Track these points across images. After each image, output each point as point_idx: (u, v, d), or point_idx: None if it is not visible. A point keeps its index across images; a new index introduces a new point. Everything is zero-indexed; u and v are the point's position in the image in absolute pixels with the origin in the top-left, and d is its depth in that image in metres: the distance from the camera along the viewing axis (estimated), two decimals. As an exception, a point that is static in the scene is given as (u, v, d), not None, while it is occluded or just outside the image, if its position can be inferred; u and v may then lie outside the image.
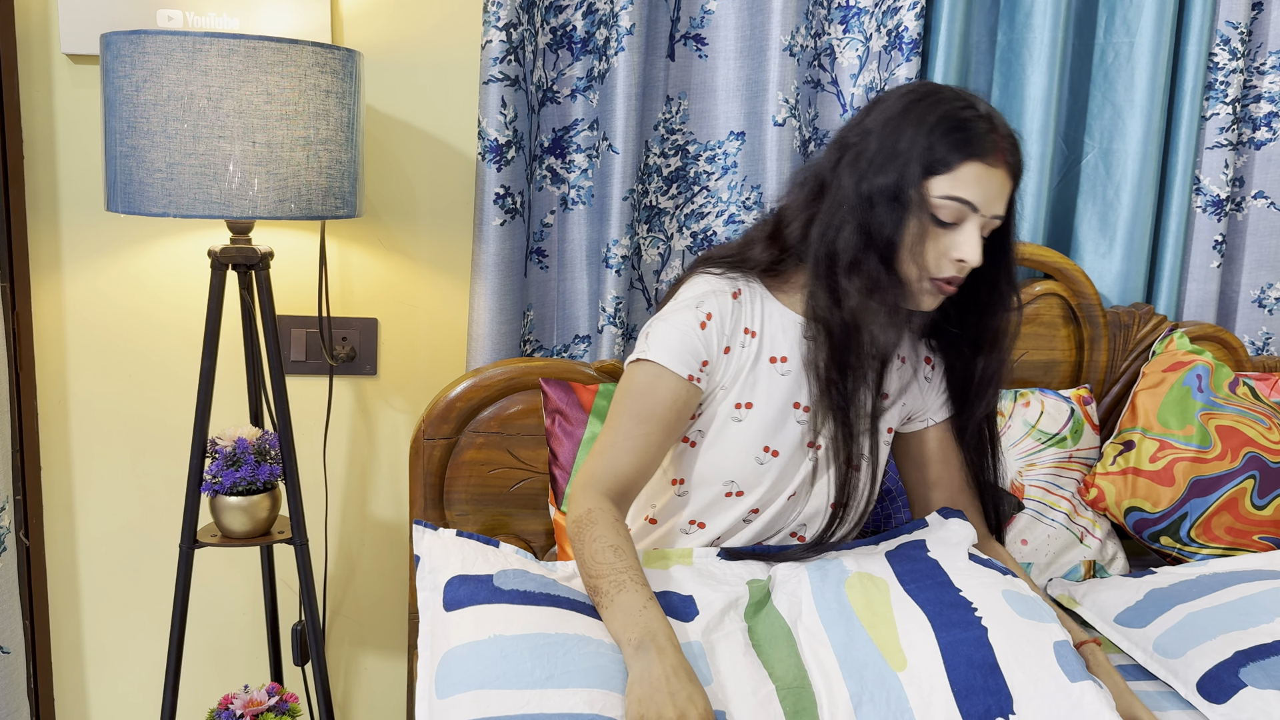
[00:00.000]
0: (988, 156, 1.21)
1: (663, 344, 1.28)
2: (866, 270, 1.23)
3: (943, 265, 1.23)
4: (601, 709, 1.03)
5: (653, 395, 1.27)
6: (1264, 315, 1.87)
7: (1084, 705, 1.09)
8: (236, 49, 1.34)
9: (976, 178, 1.21)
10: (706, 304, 1.30)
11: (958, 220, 1.22)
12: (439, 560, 1.25)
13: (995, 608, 1.22)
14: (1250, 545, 1.61)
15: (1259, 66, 1.81)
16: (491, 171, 1.60)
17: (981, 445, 1.42)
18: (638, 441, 1.26)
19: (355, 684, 1.89)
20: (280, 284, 1.71)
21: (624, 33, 1.61)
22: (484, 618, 1.14)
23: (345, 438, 1.81)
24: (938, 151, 1.21)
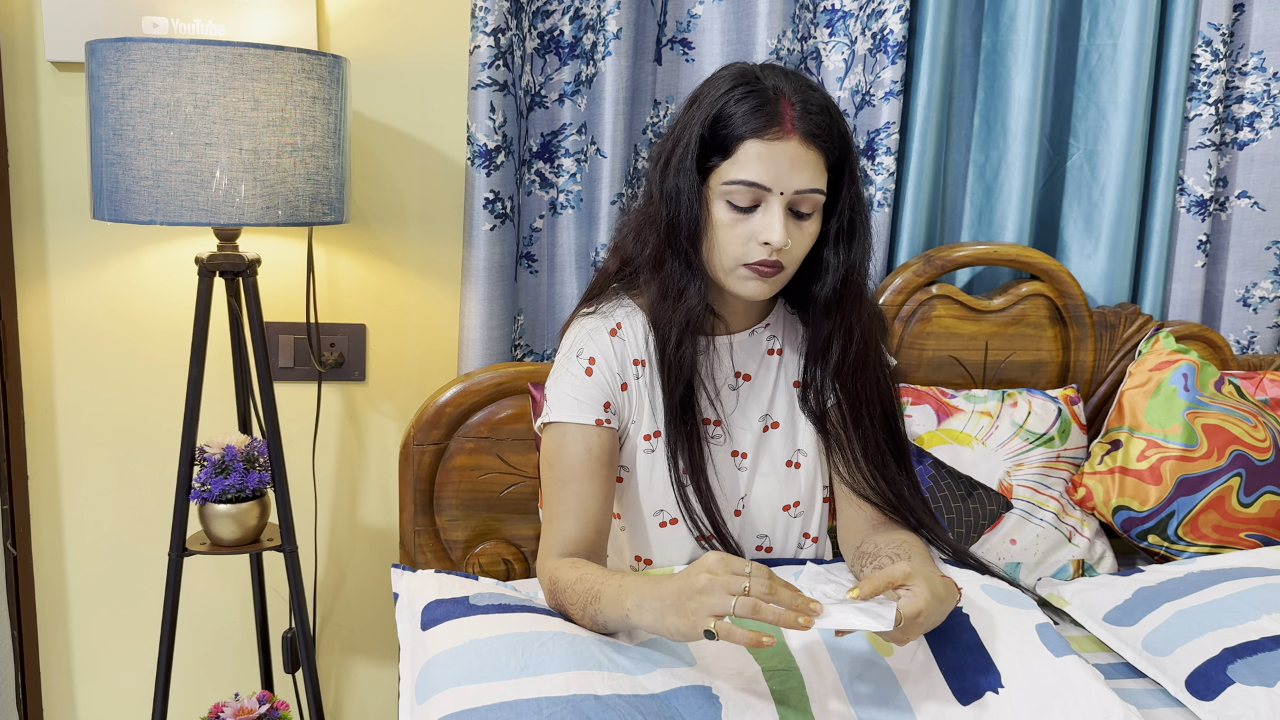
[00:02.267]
0: (768, 131, 1.18)
1: (558, 402, 1.29)
2: (663, 266, 1.25)
3: (751, 250, 1.21)
4: (580, 688, 1.04)
5: (564, 454, 1.27)
6: (1249, 314, 1.88)
7: (1070, 677, 1.13)
8: (223, 56, 1.34)
9: (758, 156, 1.18)
10: (586, 350, 1.30)
11: (755, 202, 1.20)
12: (416, 593, 1.27)
13: (975, 598, 1.26)
14: (1237, 543, 1.62)
15: (1241, 67, 1.83)
16: (481, 176, 1.59)
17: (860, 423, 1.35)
18: (571, 504, 1.26)
19: (346, 691, 1.89)
20: (268, 290, 1.70)
21: (611, 37, 1.61)
22: (460, 628, 1.16)
23: (334, 444, 1.80)
24: (718, 139, 1.20)
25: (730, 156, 1.20)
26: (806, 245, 1.25)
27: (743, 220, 1.21)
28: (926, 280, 1.74)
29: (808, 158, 1.19)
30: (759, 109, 1.18)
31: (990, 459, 1.64)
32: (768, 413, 1.38)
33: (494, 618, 1.16)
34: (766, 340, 1.38)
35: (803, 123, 1.19)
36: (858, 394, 1.34)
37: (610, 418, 1.29)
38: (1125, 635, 1.38)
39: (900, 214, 1.76)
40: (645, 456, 1.33)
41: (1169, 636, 1.33)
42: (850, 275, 1.28)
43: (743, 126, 1.18)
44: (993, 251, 1.75)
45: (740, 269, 1.23)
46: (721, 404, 1.36)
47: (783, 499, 1.38)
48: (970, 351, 1.76)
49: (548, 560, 1.26)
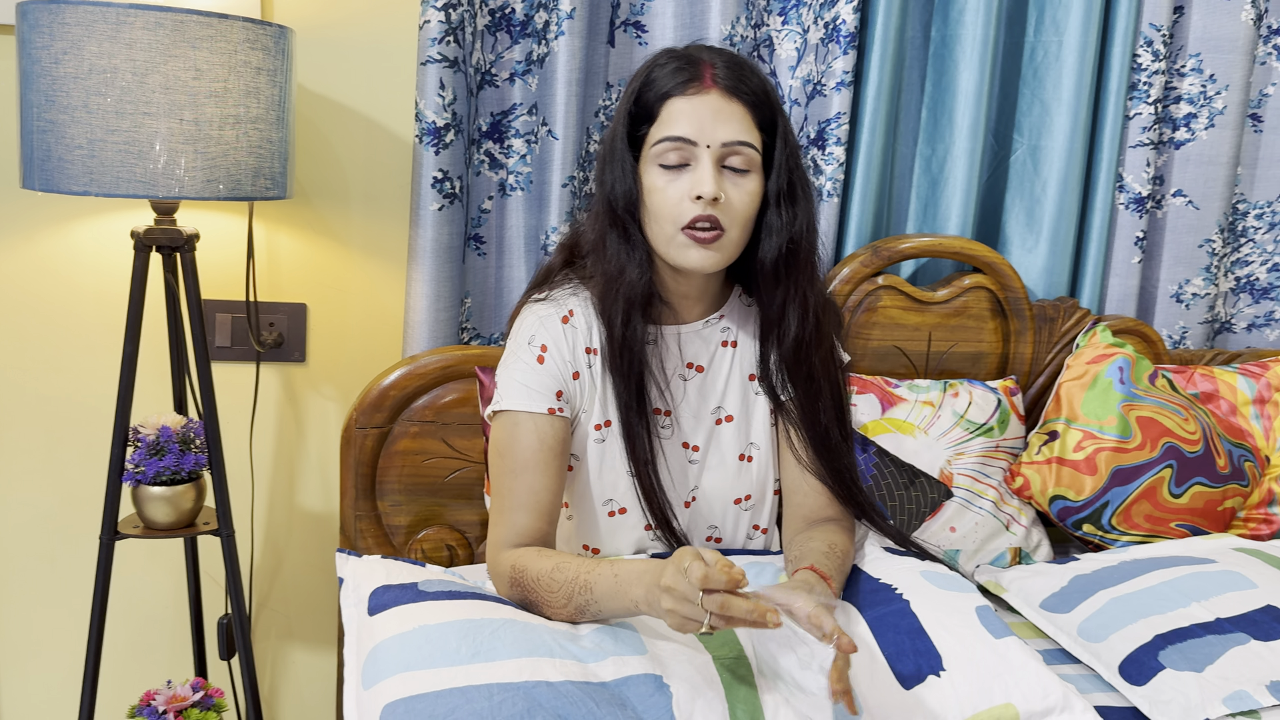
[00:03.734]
0: (688, 88, 1.21)
1: (509, 391, 1.28)
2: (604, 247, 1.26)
3: (685, 209, 1.22)
4: (532, 675, 1.03)
5: (517, 444, 1.26)
6: (1181, 310, 1.94)
7: (1010, 658, 1.15)
8: (163, 22, 1.29)
9: (680, 112, 1.21)
10: (538, 337, 1.29)
11: (685, 160, 1.22)
12: (363, 579, 1.25)
13: (915, 584, 1.27)
14: (1168, 532, 1.67)
15: (1179, 68, 1.87)
16: (429, 155, 1.57)
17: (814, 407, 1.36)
18: (524, 495, 1.25)
19: (283, 677, 1.85)
20: (206, 267, 1.66)
21: (564, 17, 1.59)
22: (409, 614, 1.14)
23: (273, 426, 1.76)
24: (640, 106, 1.24)
25: (656, 119, 1.23)
26: (746, 204, 1.24)
27: (675, 180, 1.22)
28: (873, 271, 1.75)
29: (731, 110, 1.22)
30: (679, 70, 1.23)
31: (932, 448, 1.67)
32: (720, 405, 1.38)
33: (444, 604, 1.15)
34: (720, 332, 1.38)
35: (723, 78, 1.22)
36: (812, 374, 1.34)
37: (563, 406, 1.28)
38: (1061, 622, 1.41)
39: (849, 204, 1.77)
40: (596, 446, 1.32)
41: (1103, 623, 1.36)
42: (796, 241, 1.28)
43: (664, 86, 1.23)
44: (937, 244, 1.78)
45: (679, 235, 1.23)
46: (671, 394, 1.35)
47: (734, 492, 1.38)
48: (914, 342, 1.78)
49: (502, 552, 1.24)
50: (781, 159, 1.26)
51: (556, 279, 1.36)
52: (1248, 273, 1.99)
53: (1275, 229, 1.96)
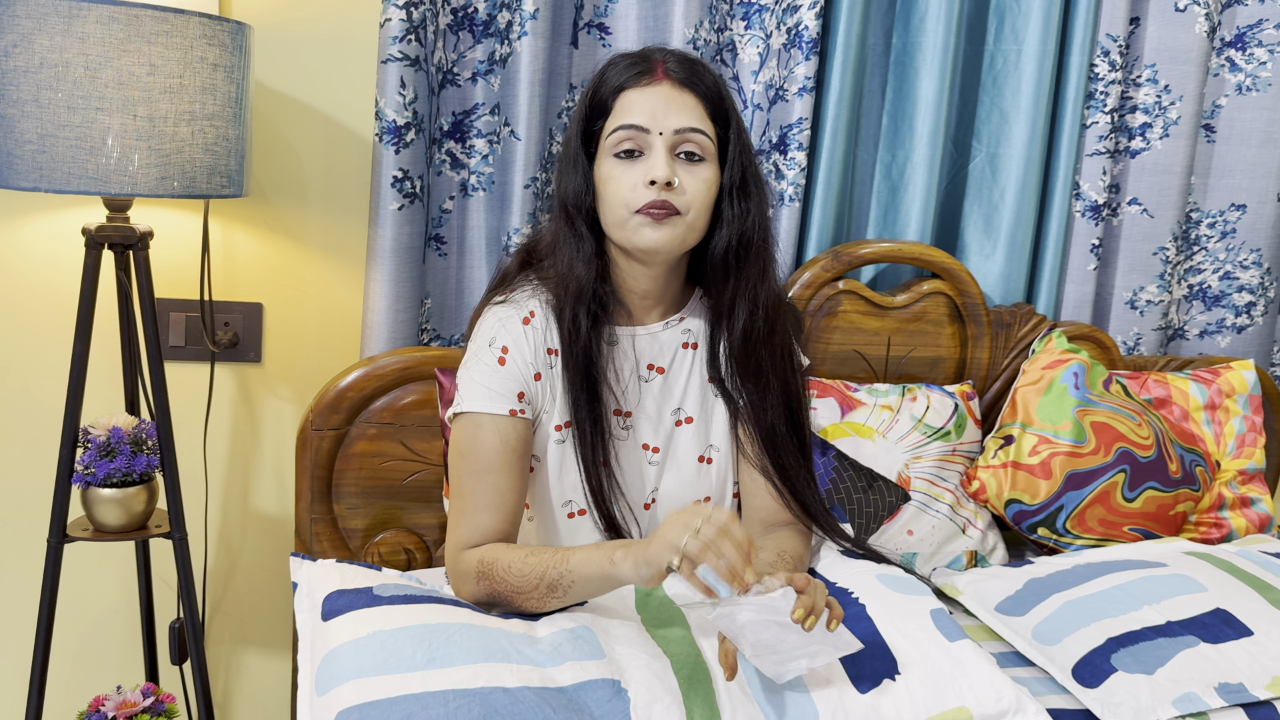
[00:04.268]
0: (641, 80, 1.25)
1: (471, 392, 1.27)
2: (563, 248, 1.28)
3: (639, 194, 1.23)
4: (488, 681, 1.03)
5: (479, 446, 1.25)
6: (1136, 316, 1.97)
7: (964, 661, 1.16)
8: (117, 16, 1.27)
9: (634, 102, 1.24)
10: (499, 339, 1.29)
11: (640, 148, 1.24)
12: (317, 583, 1.24)
13: (871, 588, 1.28)
14: (1121, 536, 1.69)
15: (1135, 79, 1.90)
16: (389, 154, 1.55)
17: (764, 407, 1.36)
18: (488, 496, 1.24)
19: (236, 683, 1.83)
20: (160, 265, 1.63)
21: (527, 17, 1.58)
22: (363, 619, 1.13)
23: (227, 427, 1.74)
24: (595, 101, 1.27)
25: (610, 112, 1.26)
26: (702, 190, 1.26)
27: (629, 169, 1.24)
28: (834, 275, 1.76)
29: (683, 99, 1.25)
30: (632, 65, 1.27)
31: (890, 451, 1.68)
32: (680, 407, 1.38)
33: (399, 608, 1.13)
34: (681, 334, 1.38)
35: (675, 70, 1.26)
36: (761, 370, 1.35)
37: (524, 408, 1.28)
38: (1016, 625, 1.42)
39: (810, 209, 1.78)
40: (556, 447, 1.32)
41: (1057, 626, 1.38)
42: (748, 235, 1.30)
43: (617, 80, 1.26)
44: (897, 249, 1.79)
45: (634, 218, 1.24)
46: (627, 395, 1.35)
47: (693, 494, 1.38)
48: (873, 346, 1.79)
49: (464, 552, 1.23)
50: (735, 153, 1.29)
51: (516, 281, 1.36)
52: (1200, 280, 2.02)
53: (1227, 238, 2.00)
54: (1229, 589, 1.42)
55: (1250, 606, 1.38)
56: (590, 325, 1.28)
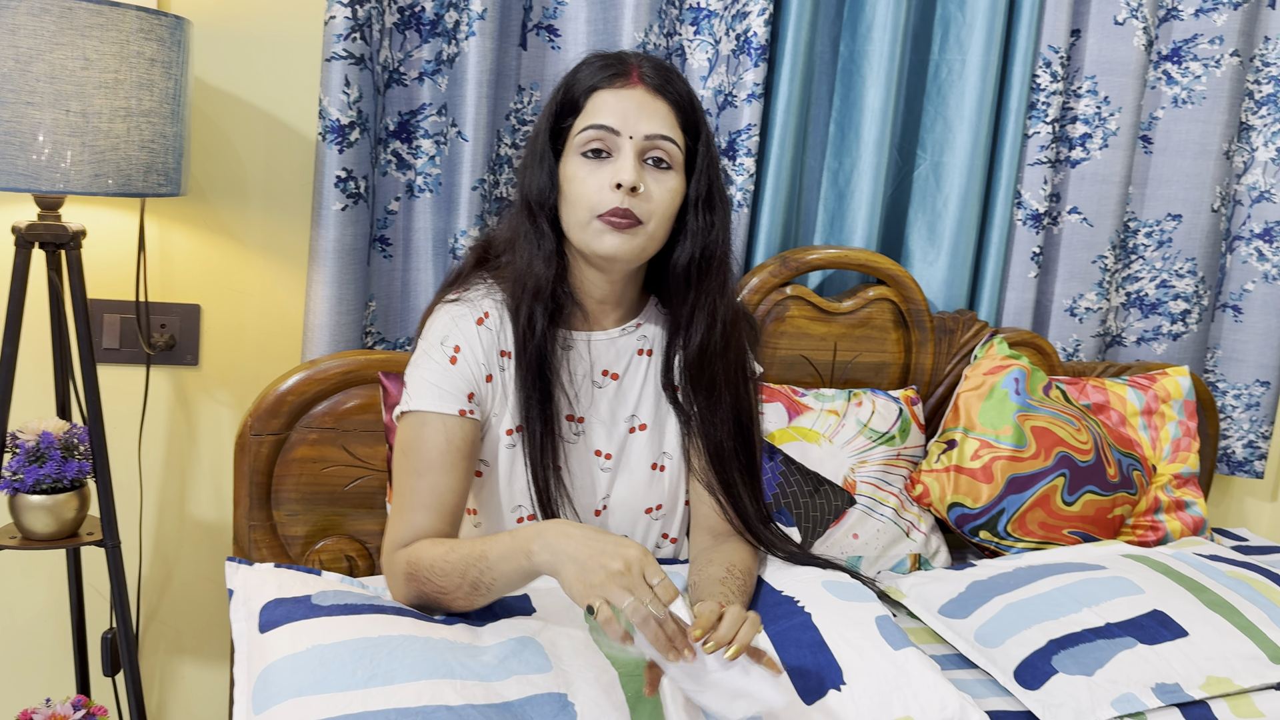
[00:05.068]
0: (614, 83, 1.24)
1: (419, 391, 1.25)
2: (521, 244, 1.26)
3: (605, 197, 1.22)
4: (431, 699, 1.01)
5: (423, 445, 1.23)
6: (1075, 323, 2.00)
7: (909, 670, 1.17)
8: (49, 8, 1.23)
9: (606, 104, 1.23)
10: (451, 338, 1.26)
11: (608, 149, 1.23)
12: (254, 590, 1.20)
13: (817, 596, 1.28)
14: (1060, 539, 1.72)
15: (1076, 90, 1.94)
16: (333, 153, 1.52)
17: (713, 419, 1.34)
18: (426, 496, 1.22)
19: (171, 694, 1.78)
20: (94, 265, 1.58)
21: (475, 17, 1.57)
22: (302, 632, 1.10)
23: (163, 432, 1.70)
24: (567, 98, 1.26)
25: (581, 111, 1.25)
26: (667, 200, 1.25)
27: (596, 170, 1.23)
28: (782, 281, 1.77)
29: (656, 106, 1.24)
30: (607, 66, 1.26)
31: (836, 456, 1.69)
32: (634, 413, 1.37)
33: (339, 620, 1.11)
34: (637, 340, 1.37)
35: (650, 76, 1.25)
36: (715, 383, 1.34)
37: (474, 409, 1.26)
38: (959, 627, 1.44)
39: (758, 215, 1.79)
40: (507, 451, 1.30)
41: (999, 629, 1.39)
42: (711, 249, 1.30)
43: (591, 80, 1.25)
44: (843, 256, 1.80)
45: (595, 222, 1.23)
46: (580, 400, 1.33)
47: (645, 501, 1.37)
48: (820, 351, 1.80)
49: (396, 553, 1.21)
50: (703, 164, 1.28)
51: (470, 278, 1.33)
52: (1137, 288, 2.07)
53: (1163, 247, 2.04)
54: (1165, 591, 1.45)
55: (1185, 608, 1.41)
56: (546, 325, 1.26)
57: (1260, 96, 2.04)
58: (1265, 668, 1.34)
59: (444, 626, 1.15)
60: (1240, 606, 1.43)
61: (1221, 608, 1.42)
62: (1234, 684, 1.30)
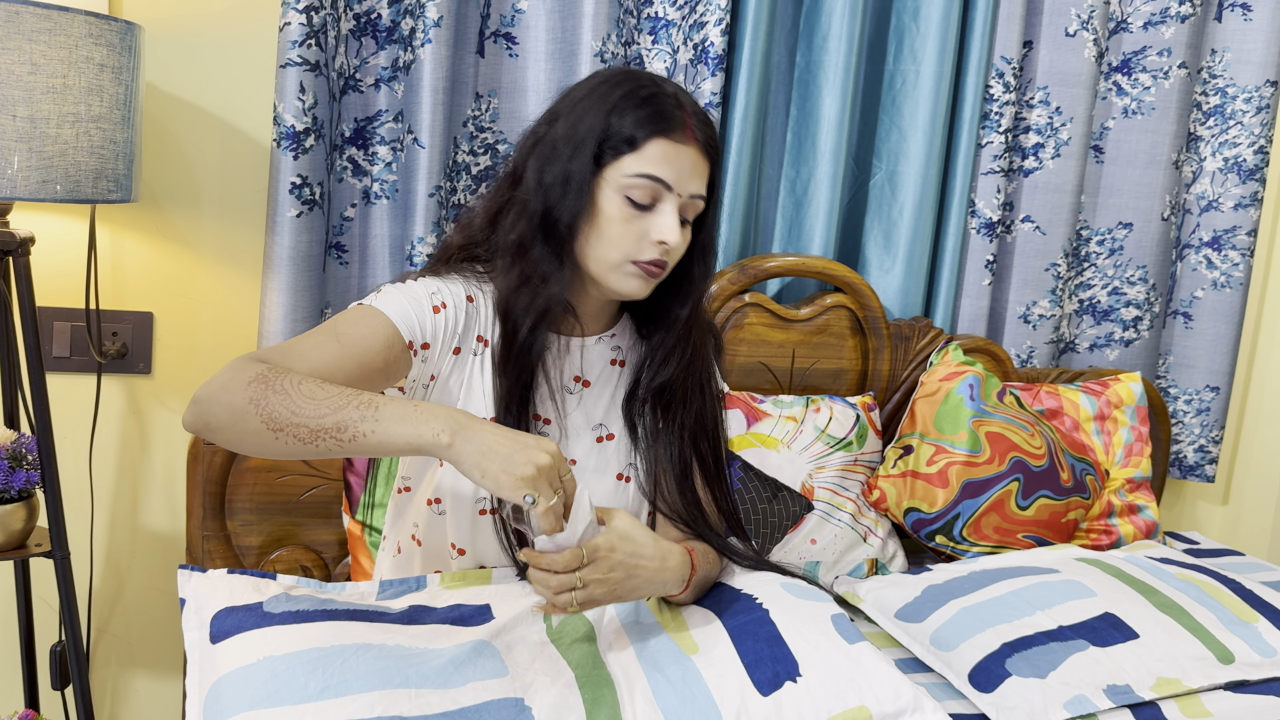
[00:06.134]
0: (675, 133, 1.19)
1: (390, 301, 1.18)
2: (528, 255, 1.21)
3: (644, 248, 1.20)
4: (385, 710, 1.00)
5: (361, 327, 1.14)
6: (1028, 330, 2.03)
7: (863, 662, 1.17)
8: (-5, 11, 1.21)
9: (665, 155, 1.19)
10: (440, 294, 1.22)
11: (653, 200, 1.20)
12: (205, 598, 1.17)
13: (774, 594, 1.28)
14: (1015, 543, 1.74)
15: (1028, 100, 1.97)
16: (288, 160, 1.51)
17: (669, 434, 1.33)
18: (326, 355, 1.11)
19: (123, 707, 1.75)
20: (42, 272, 1.56)
21: (431, 24, 1.56)
22: (252, 642, 1.08)
23: (114, 442, 1.67)
24: (624, 130, 1.18)
25: (636, 150, 1.18)
26: (683, 250, 1.25)
27: (638, 217, 1.20)
28: (740, 288, 1.78)
29: (701, 167, 1.22)
30: (666, 111, 1.19)
31: (794, 462, 1.70)
32: (602, 423, 1.36)
33: (290, 629, 1.09)
34: (611, 350, 1.36)
35: (700, 132, 1.21)
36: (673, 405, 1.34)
37: (419, 357, 1.20)
38: (914, 631, 1.45)
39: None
40: None
41: (954, 632, 1.41)
42: (703, 294, 1.31)
43: (653, 123, 1.18)
44: (801, 263, 1.81)
45: (628, 265, 1.21)
46: (549, 403, 1.33)
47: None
48: (779, 358, 1.81)
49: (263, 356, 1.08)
50: (713, 216, 1.28)
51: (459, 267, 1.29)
52: (1090, 296, 2.10)
53: (1115, 255, 2.08)
54: (1117, 594, 1.46)
55: (1137, 610, 1.43)
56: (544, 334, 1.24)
57: (1208, 108, 2.08)
58: (1214, 668, 1.36)
59: (399, 632, 1.14)
60: (1190, 609, 1.45)
61: (1172, 610, 1.44)
62: (1183, 685, 1.32)
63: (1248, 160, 2.07)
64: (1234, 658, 1.38)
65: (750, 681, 1.14)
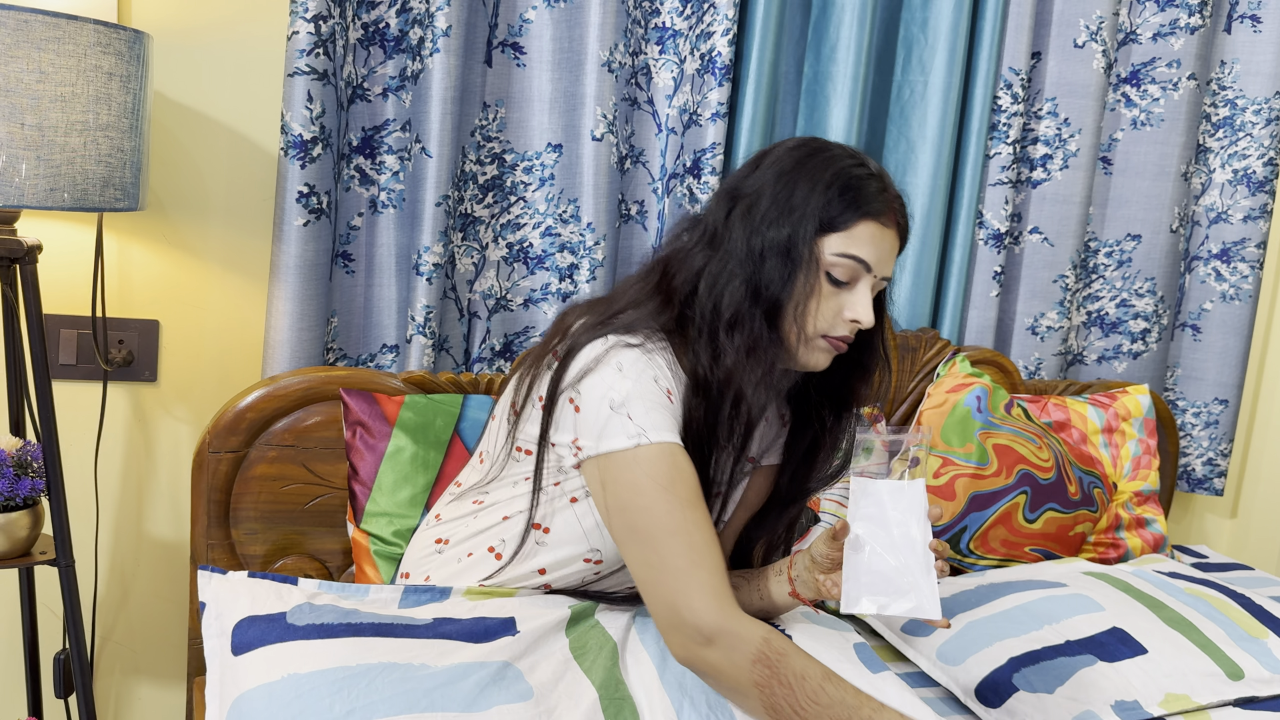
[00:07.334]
0: (882, 216, 1.20)
1: (655, 423, 1.12)
2: (749, 327, 1.18)
3: (837, 325, 1.21)
4: None
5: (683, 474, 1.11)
6: (1036, 342, 2.02)
7: (887, 692, 1.17)
8: (4, 20, 1.22)
9: (871, 237, 1.19)
10: (661, 380, 1.16)
11: (851, 279, 1.20)
12: (226, 604, 1.16)
13: (799, 623, 1.29)
14: (1022, 556, 1.73)
15: (1036, 111, 1.96)
16: (295, 168, 1.51)
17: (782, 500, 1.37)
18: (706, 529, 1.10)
19: (127, 716, 1.75)
20: (49, 280, 1.56)
21: (440, 34, 1.57)
22: (276, 657, 1.07)
23: (120, 449, 1.67)
24: (834, 209, 1.18)
25: (845, 230, 1.19)
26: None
27: (836, 294, 1.20)
28: (746, 298, 1.77)
29: (896, 249, 1.24)
30: (879, 192, 1.20)
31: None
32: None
33: (314, 645, 1.08)
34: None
35: (901, 216, 1.24)
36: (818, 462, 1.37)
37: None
38: (921, 645, 1.44)
39: (723, 232, 1.79)
40: None
41: (961, 646, 1.40)
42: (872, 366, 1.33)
43: (868, 204, 1.19)
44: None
45: (820, 340, 1.21)
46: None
47: None
48: (785, 369, 1.81)
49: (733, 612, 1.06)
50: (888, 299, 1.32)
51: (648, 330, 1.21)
52: (1098, 307, 2.09)
53: (1123, 266, 2.07)
54: (1125, 608, 1.46)
55: (1145, 625, 1.42)
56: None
57: (1217, 119, 2.08)
58: (1223, 684, 1.35)
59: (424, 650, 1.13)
60: (1199, 624, 1.44)
61: (1181, 625, 1.43)
62: (1192, 701, 1.31)
63: (1257, 172, 2.06)
64: (1243, 674, 1.37)
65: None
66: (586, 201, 1.69)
